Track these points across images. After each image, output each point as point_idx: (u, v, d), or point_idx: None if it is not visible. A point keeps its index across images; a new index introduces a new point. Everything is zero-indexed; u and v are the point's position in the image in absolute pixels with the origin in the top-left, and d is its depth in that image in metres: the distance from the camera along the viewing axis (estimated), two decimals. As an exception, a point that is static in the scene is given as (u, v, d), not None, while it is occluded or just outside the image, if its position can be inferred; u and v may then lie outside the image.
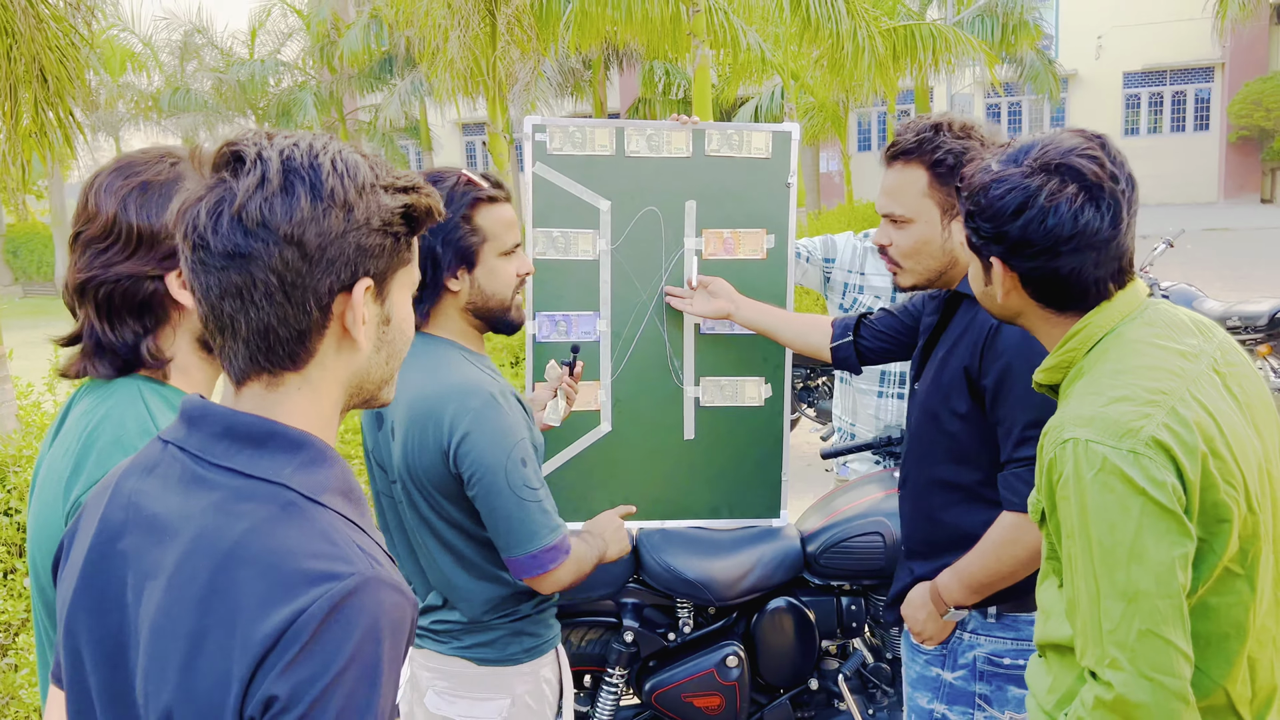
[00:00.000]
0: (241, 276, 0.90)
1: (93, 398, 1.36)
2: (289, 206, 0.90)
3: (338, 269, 0.93)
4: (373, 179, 0.95)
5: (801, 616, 2.75)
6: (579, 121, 2.70)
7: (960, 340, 1.88)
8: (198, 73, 23.43)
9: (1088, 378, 1.47)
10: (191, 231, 0.91)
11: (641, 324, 2.76)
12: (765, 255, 2.79)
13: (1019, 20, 17.94)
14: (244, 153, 0.92)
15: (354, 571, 0.88)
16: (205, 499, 0.91)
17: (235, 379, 0.96)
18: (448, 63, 8.32)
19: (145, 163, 1.39)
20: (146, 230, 1.34)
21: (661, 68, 20.04)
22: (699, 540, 2.77)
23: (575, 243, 2.72)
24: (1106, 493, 1.32)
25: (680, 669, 2.69)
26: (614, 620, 2.76)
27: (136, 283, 1.34)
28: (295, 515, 0.90)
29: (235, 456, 0.93)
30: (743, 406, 2.82)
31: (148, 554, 0.92)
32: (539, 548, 1.81)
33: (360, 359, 0.99)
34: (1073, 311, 1.50)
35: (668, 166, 2.73)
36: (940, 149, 1.87)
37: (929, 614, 1.91)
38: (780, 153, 2.76)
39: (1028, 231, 1.43)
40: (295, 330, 0.93)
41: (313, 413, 0.97)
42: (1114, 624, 1.31)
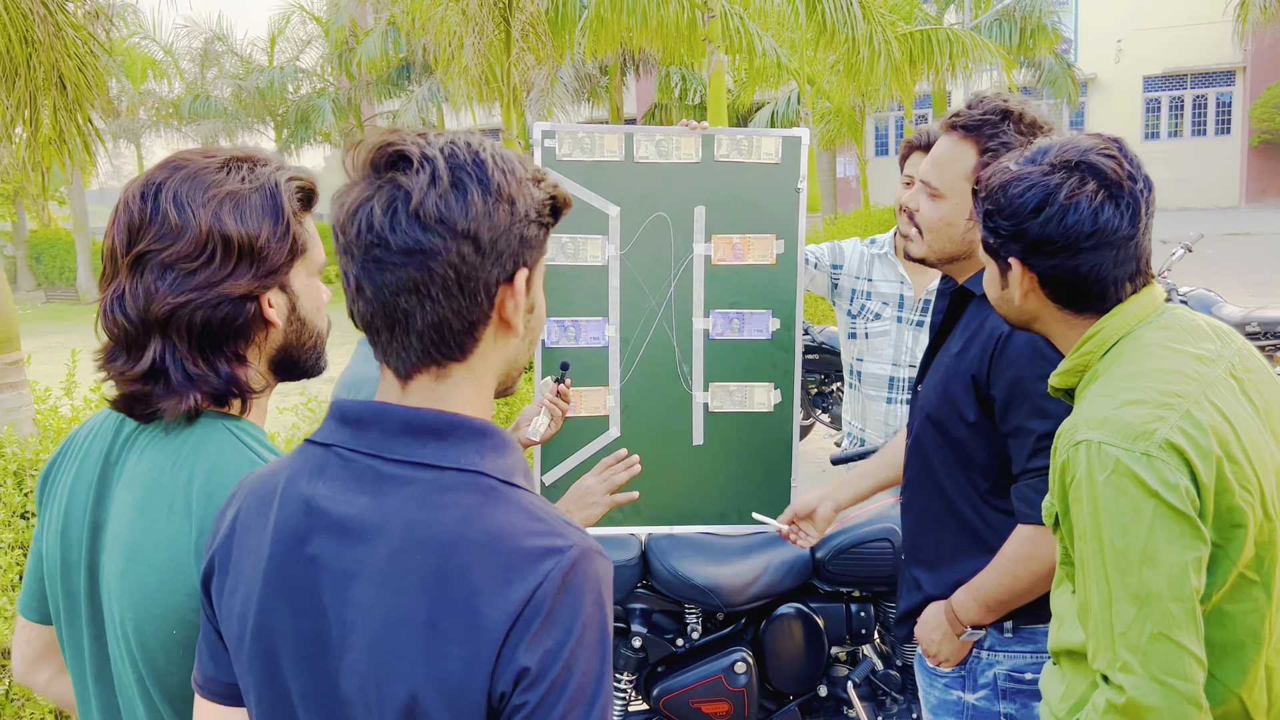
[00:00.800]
0: (420, 272, 0.92)
1: (171, 444, 1.22)
2: (463, 202, 0.92)
3: (504, 261, 0.96)
4: (524, 173, 0.98)
5: (810, 623, 2.74)
6: (588, 127, 2.71)
7: (969, 344, 1.85)
8: (218, 80, 23.63)
9: (1102, 380, 1.46)
10: (367, 230, 0.92)
11: (650, 329, 2.76)
12: (775, 261, 2.78)
13: (1037, 24, 17.89)
14: (408, 152, 0.93)
15: (572, 544, 0.91)
16: (401, 494, 0.93)
17: (402, 374, 0.98)
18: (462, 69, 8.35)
19: (219, 169, 1.24)
20: (248, 243, 1.20)
21: (678, 73, 20.08)
22: (707, 546, 2.77)
23: (584, 248, 2.72)
24: (1119, 495, 1.32)
25: (688, 675, 2.68)
26: (622, 625, 2.75)
27: (238, 304, 1.21)
28: (499, 499, 0.93)
29: (421, 450, 0.95)
30: (752, 412, 2.82)
31: (344, 555, 0.94)
32: None
33: (513, 346, 1.02)
34: (1090, 313, 1.50)
35: (677, 172, 2.73)
36: (999, 138, 1.81)
37: (944, 635, 1.86)
38: (790, 158, 2.76)
39: (1048, 229, 1.44)
40: (467, 321, 0.96)
41: (477, 401, 1.00)
42: (1126, 626, 1.30)
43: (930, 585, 1.93)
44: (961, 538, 1.88)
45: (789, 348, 2.80)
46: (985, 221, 1.51)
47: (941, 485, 1.89)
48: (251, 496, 1.04)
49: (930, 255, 1.95)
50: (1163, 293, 1.53)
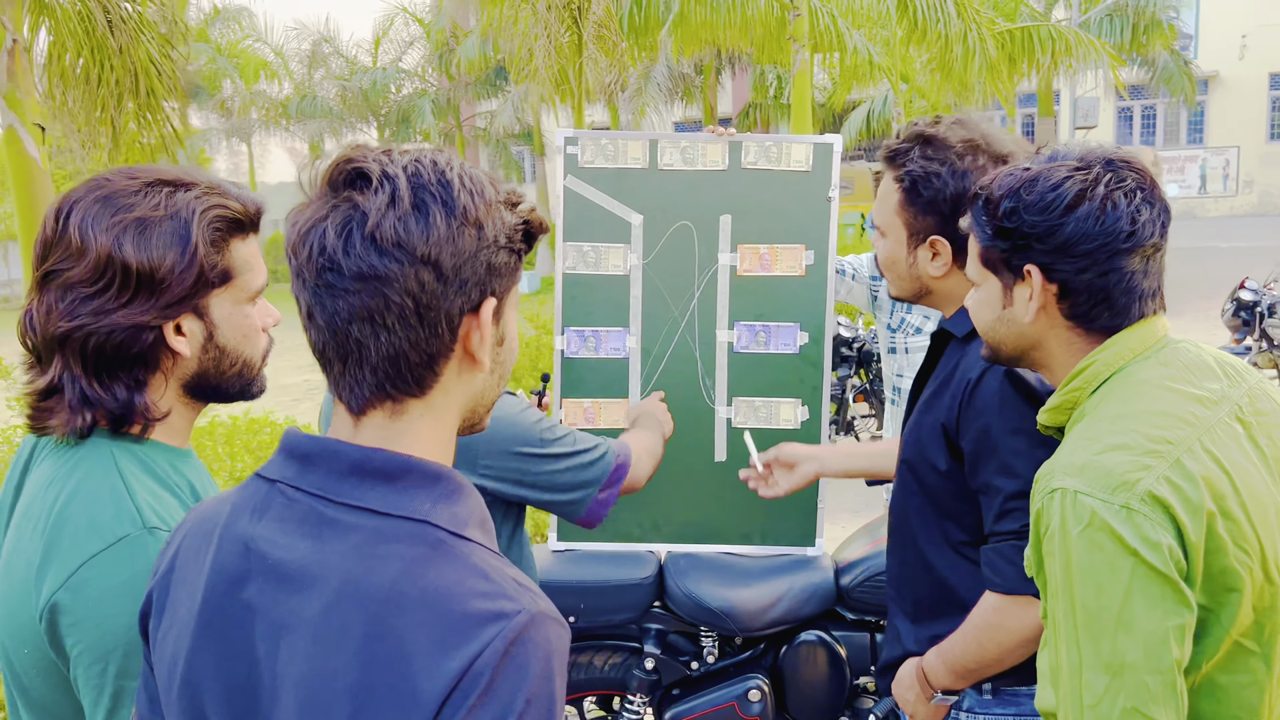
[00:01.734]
0: (375, 299, 0.85)
1: (57, 461, 1.20)
2: (424, 225, 0.85)
3: (469, 289, 0.88)
4: (495, 195, 0.91)
5: (832, 652, 2.62)
6: (612, 133, 2.65)
7: (942, 390, 1.71)
8: (324, 80, 24.36)
9: (1087, 421, 1.33)
10: (319, 253, 0.85)
11: (673, 341, 2.69)
12: (804, 272, 2.67)
13: (1151, 20, 17.11)
14: (367, 170, 0.87)
15: (521, 608, 0.83)
16: (343, 543, 0.86)
17: (355, 409, 0.91)
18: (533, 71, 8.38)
19: (135, 193, 1.20)
20: (147, 273, 1.17)
21: (773, 72, 19.86)
22: (725, 567, 2.67)
23: (606, 257, 2.66)
24: (1094, 551, 1.19)
25: (701, 700, 2.59)
26: (636, 645, 2.68)
27: (134, 334, 1.17)
28: (446, 554, 0.86)
29: (368, 494, 0.87)
30: (777, 429, 2.71)
31: (280, 604, 0.87)
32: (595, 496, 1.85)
33: (478, 382, 0.95)
34: (1100, 332, 1.36)
35: (703, 180, 2.65)
36: (904, 167, 1.71)
37: (917, 696, 1.74)
38: (821, 165, 2.65)
39: (1085, 226, 1.29)
40: (426, 354, 0.88)
41: (435, 440, 0.93)
42: (1096, 699, 1.18)
43: (909, 639, 1.79)
44: (937, 593, 1.73)
45: (818, 363, 2.69)
46: (998, 227, 1.36)
47: (916, 536, 1.75)
48: (194, 532, 0.98)
49: (901, 294, 1.84)
50: (1166, 326, 1.39)
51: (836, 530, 5.37)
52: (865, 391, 7.01)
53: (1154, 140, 25.21)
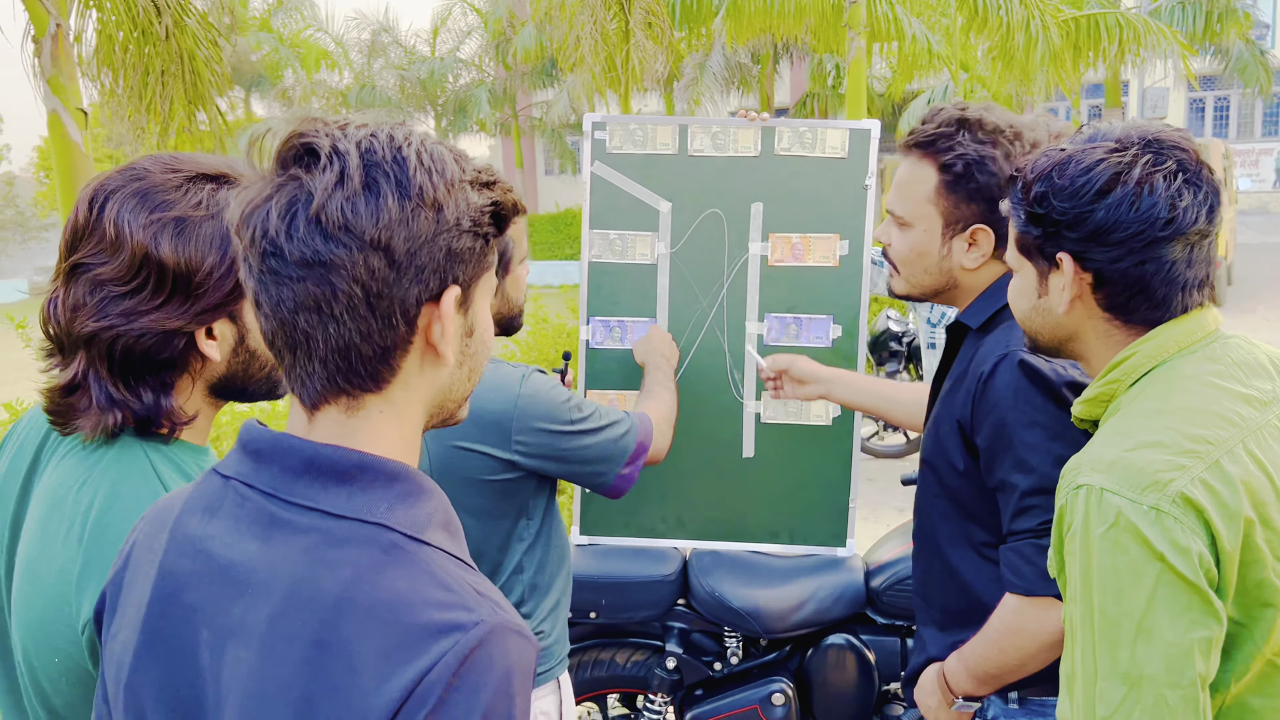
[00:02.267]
0: (320, 287, 0.79)
1: (84, 461, 1.14)
2: (374, 207, 0.79)
3: (426, 277, 0.82)
4: (460, 174, 0.84)
5: (861, 656, 2.53)
6: (640, 118, 2.57)
7: (957, 385, 1.63)
8: (383, 70, 24.57)
9: (1120, 415, 1.24)
10: (260, 237, 0.79)
11: (700, 333, 2.61)
12: (838, 263, 2.58)
13: (1226, 8, 16.54)
14: (316, 145, 0.80)
15: (479, 620, 0.77)
16: (292, 545, 0.81)
17: (308, 404, 0.85)
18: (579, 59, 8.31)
19: (176, 188, 1.13)
20: (185, 276, 1.10)
21: (831, 61, 19.57)
22: (751, 566, 2.60)
23: (633, 246, 2.59)
24: (1117, 553, 1.10)
25: (722, 702, 2.52)
26: (658, 644, 2.62)
27: (165, 339, 1.11)
28: (402, 559, 0.80)
29: (321, 495, 0.82)
30: (808, 425, 2.63)
31: (225, 610, 0.82)
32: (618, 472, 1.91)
33: (444, 376, 0.88)
34: (1139, 325, 1.27)
35: (733, 166, 2.56)
36: (953, 151, 1.61)
37: (939, 703, 1.66)
38: (858, 152, 2.54)
39: (1118, 213, 1.20)
40: (379, 347, 0.82)
41: (397, 438, 0.87)
42: (1110, 710, 1.09)
43: (934, 646, 1.71)
44: (962, 599, 1.64)
45: (851, 357, 2.59)
46: (1030, 211, 1.27)
47: (939, 540, 1.67)
48: (148, 529, 0.92)
49: (912, 291, 1.74)
50: (1218, 319, 1.28)
51: (879, 529, 5.26)
52: (914, 387, 6.86)
53: (1227, 133, 24.40)
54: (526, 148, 25.70)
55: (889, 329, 6.77)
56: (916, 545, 1.74)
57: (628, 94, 9.30)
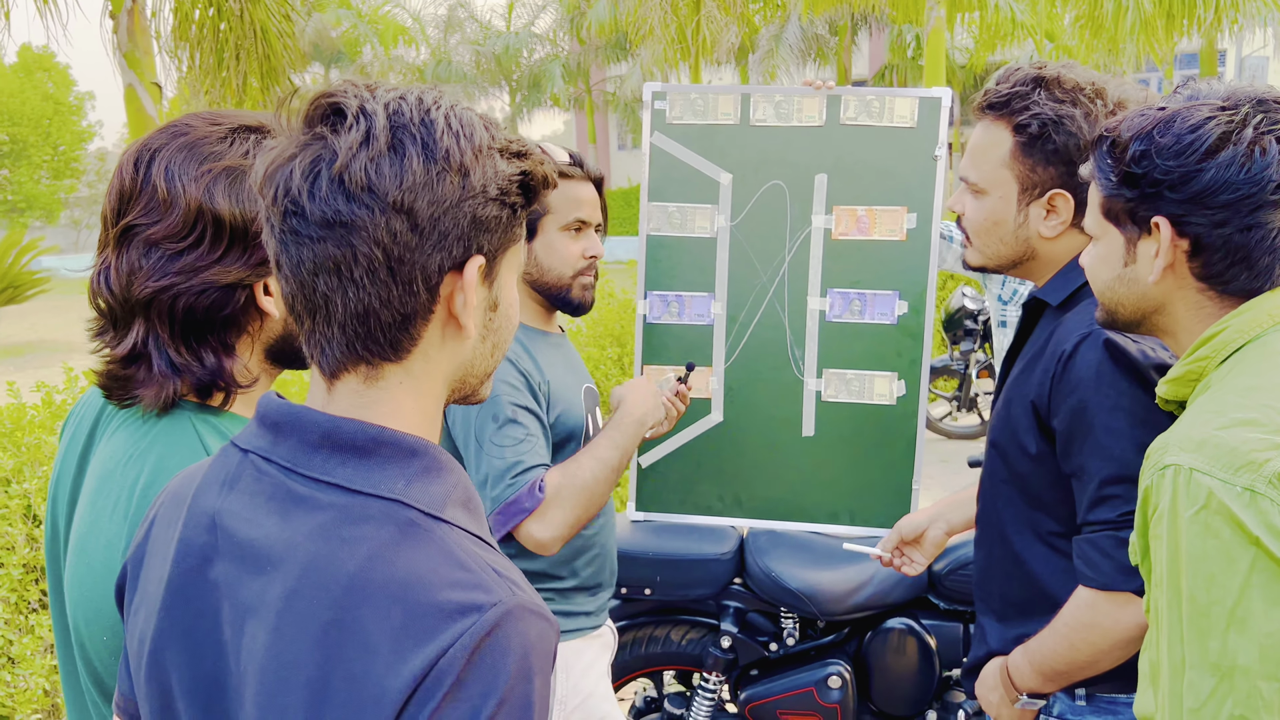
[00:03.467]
0: (341, 249, 0.77)
1: (134, 434, 1.12)
2: (398, 168, 0.77)
3: (450, 244, 0.80)
4: (489, 140, 0.82)
5: (921, 641, 2.47)
6: (701, 88, 2.52)
7: (1033, 364, 1.53)
8: (459, 45, 24.76)
9: (1212, 392, 1.16)
10: (283, 195, 0.78)
11: (760, 308, 2.55)
12: (905, 236, 2.49)
13: (1333, -30, 15.68)
14: (344, 105, 0.79)
15: (496, 600, 0.76)
16: (309, 521, 0.79)
17: (328, 371, 0.83)
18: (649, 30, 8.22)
19: (221, 139, 1.11)
20: (240, 226, 1.08)
21: (911, 32, 19.12)
22: (809, 547, 2.55)
23: (692, 218, 2.54)
24: (1208, 537, 1.03)
25: (778, 683, 2.49)
26: (713, 622, 2.59)
27: (226, 294, 1.09)
28: (419, 537, 0.78)
29: (338, 469, 0.80)
30: (871, 404, 2.55)
31: (245, 585, 0.81)
32: (499, 503, 1.65)
33: (466, 349, 0.86)
34: (1234, 296, 1.19)
35: (797, 136, 2.49)
36: (1029, 111, 1.50)
37: (1001, 698, 1.58)
38: (928, 121, 2.45)
39: (1227, 174, 1.12)
40: (399, 314, 0.80)
41: (417, 411, 0.85)
42: (1199, 702, 1.02)
43: (995, 639, 1.63)
44: (1027, 590, 1.56)
45: (918, 335, 2.51)
46: (1126, 171, 1.19)
47: (1005, 527, 1.58)
48: (169, 502, 0.91)
49: (987, 263, 1.64)
50: None
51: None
52: (991, 367, 6.69)
53: (1332, 104, 23.18)
54: (600, 123, 25.68)
55: (964, 306, 6.60)
56: (979, 531, 1.66)
57: (698, 66, 9.19)
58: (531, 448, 1.70)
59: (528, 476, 1.67)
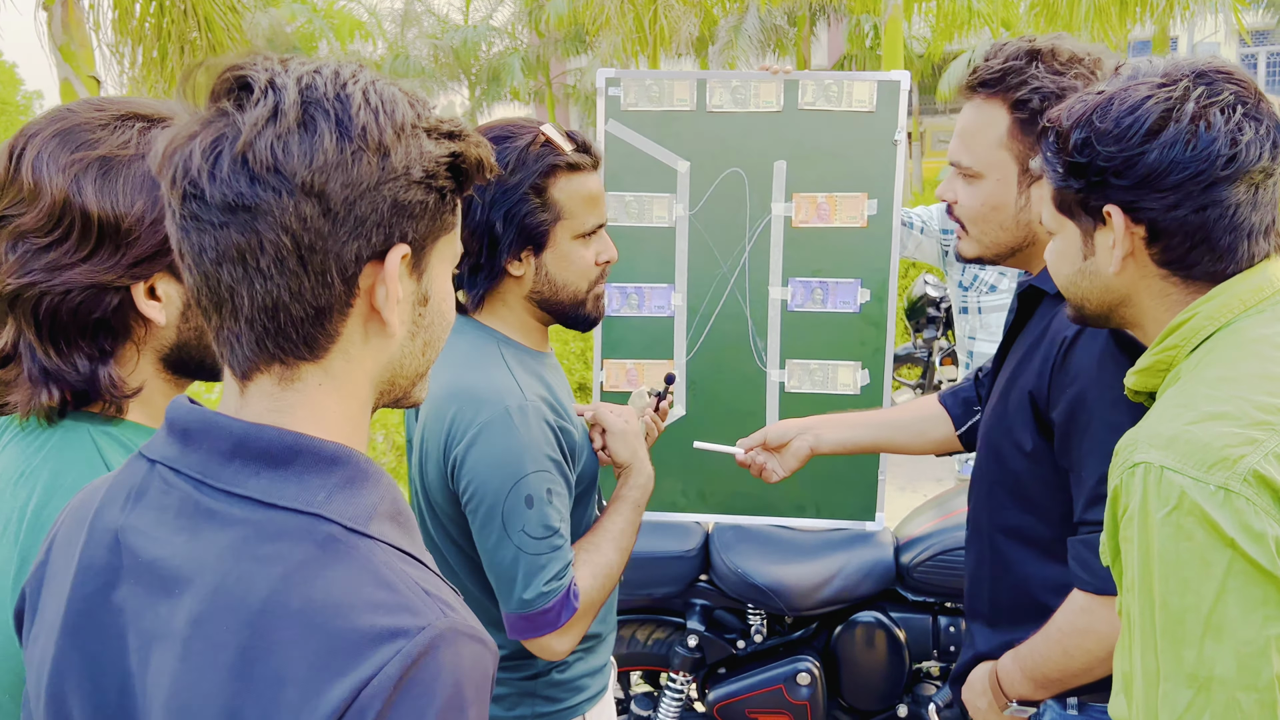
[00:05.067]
0: (245, 236, 0.71)
1: (26, 447, 1.03)
2: (309, 147, 0.70)
3: (368, 230, 0.73)
4: (414, 118, 0.75)
5: (890, 634, 2.43)
6: (657, 73, 2.45)
7: (1031, 353, 1.46)
8: (417, 40, 24.48)
9: (1181, 384, 1.11)
10: (182, 177, 0.71)
11: (721, 298, 2.50)
12: (866, 223, 2.45)
13: (1280, -43, 15.93)
14: (252, 79, 0.72)
15: (424, 624, 0.69)
16: (219, 539, 0.72)
17: (239, 372, 0.76)
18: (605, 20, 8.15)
19: (102, 126, 1.02)
20: (111, 223, 0.99)
21: (869, 22, 19.17)
22: (776, 541, 2.50)
23: (650, 208, 2.48)
24: (1181, 539, 0.98)
25: (747, 681, 2.44)
26: (679, 621, 2.53)
27: (95, 295, 1.00)
28: (339, 554, 0.72)
29: (251, 481, 0.73)
30: (835, 394, 2.51)
31: (151, 609, 0.74)
32: (528, 610, 1.43)
33: (392, 347, 0.79)
34: (1201, 281, 1.14)
35: (755, 122, 2.44)
36: (1030, 85, 1.42)
37: (990, 704, 1.52)
38: (887, 105, 2.41)
39: (1172, 154, 1.07)
40: (312, 307, 0.73)
41: (339, 414, 0.77)
42: (1175, 716, 0.98)
43: (983, 642, 1.57)
44: (1018, 596, 1.50)
45: (880, 323, 2.47)
46: (1069, 162, 1.14)
47: (995, 533, 1.52)
48: (69, 519, 0.83)
49: (984, 252, 1.55)
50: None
51: (916, 500, 5.13)
52: (953, 354, 6.68)
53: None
54: (561, 116, 25.53)
55: (926, 294, 6.59)
56: (969, 531, 1.60)
57: (656, 57, 9.12)
58: (565, 541, 1.46)
59: (563, 583, 1.44)
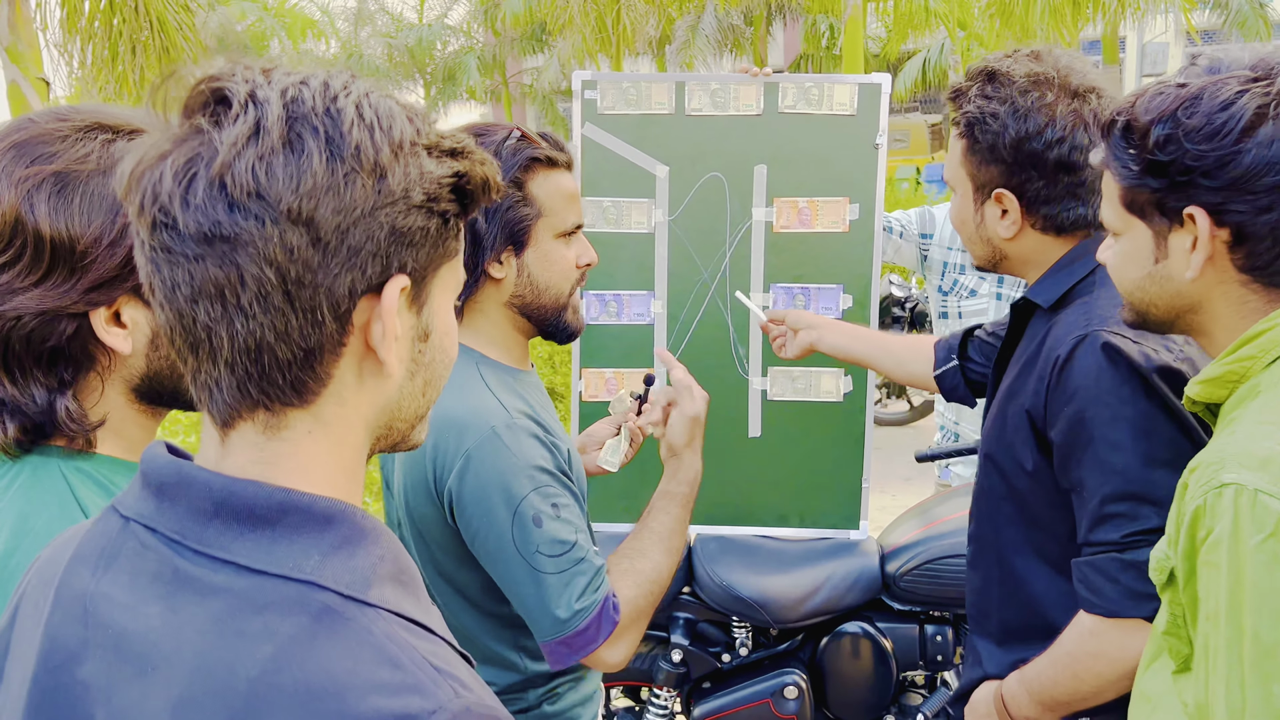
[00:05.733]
0: (223, 269, 0.63)
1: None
2: (295, 169, 0.63)
3: (362, 261, 0.66)
4: (413, 135, 0.68)
5: (877, 645, 2.39)
6: (634, 76, 2.40)
7: (1026, 371, 1.45)
8: (371, 39, 24.20)
9: (1264, 399, 1.06)
10: (150, 203, 0.63)
11: (702, 306, 2.45)
12: (847, 228, 2.41)
13: (1225, -42, 16.24)
14: (230, 92, 0.64)
15: (434, 708, 0.62)
16: (200, 611, 0.65)
17: (219, 420, 0.69)
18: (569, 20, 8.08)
19: (62, 138, 0.95)
20: (65, 244, 0.92)
21: (825, 22, 19.27)
22: (759, 552, 2.45)
23: (628, 214, 2.43)
24: (1277, 568, 0.94)
25: (732, 696, 2.39)
26: (663, 635, 2.48)
27: (48, 322, 0.93)
28: (336, 628, 0.65)
29: (235, 544, 0.66)
30: (818, 402, 2.47)
31: (123, 689, 0.66)
32: (564, 633, 1.34)
33: (390, 388, 0.72)
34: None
35: (735, 126, 2.39)
36: (963, 109, 1.46)
37: None
38: (868, 108, 2.37)
39: (1268, 154, 1.02)
40: (301, 349, 0.66)
41: (332, 466, 0.71)
42: None
43: (990, 663, 1.54)
44: (1024, 614, 1.48)
45: (863, 329, 2.44)
46: (1149, 161, 1.09)
47: (1004, 548, 1.49)
48: (37, 577, 0.75)
49: (979, 262, 1.57)
50: None
51: (885, 500, 5.13)
52: (918, 353, 6.71)
53: (1226, 88, 24.07)
54: (518, 115, 25.36)
55: (891, 294, 6.61)
56: (974, 549, 1.57)
57: (619, 56, 9.08)
58: (587, 551, 1.38)
59: (596, 597, 1.36)
